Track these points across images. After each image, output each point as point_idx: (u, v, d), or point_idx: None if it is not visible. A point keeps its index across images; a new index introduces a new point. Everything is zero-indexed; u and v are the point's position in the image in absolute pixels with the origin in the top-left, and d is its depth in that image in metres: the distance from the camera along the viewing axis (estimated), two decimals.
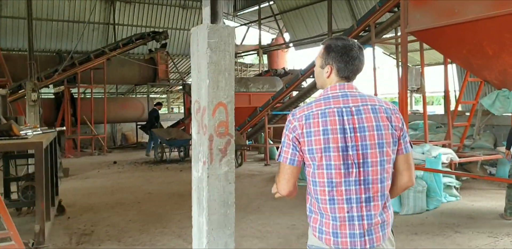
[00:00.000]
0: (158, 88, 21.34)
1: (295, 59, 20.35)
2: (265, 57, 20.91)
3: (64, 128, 10.64)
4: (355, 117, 1.86)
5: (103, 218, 6.33)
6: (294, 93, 12.72)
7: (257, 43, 19.62)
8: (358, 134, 1.85)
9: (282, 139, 1.95)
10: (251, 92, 13.67)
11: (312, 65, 10.89)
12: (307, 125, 1.86)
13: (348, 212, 1.85)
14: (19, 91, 13.29)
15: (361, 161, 1.85)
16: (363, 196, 1.86)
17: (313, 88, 11.47)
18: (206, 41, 2.81)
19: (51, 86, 15.77)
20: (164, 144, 12.89)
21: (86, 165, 12.49)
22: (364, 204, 1.87)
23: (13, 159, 6.56)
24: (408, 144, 1.97)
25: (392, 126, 1.90)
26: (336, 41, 1.96)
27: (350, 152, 1.84)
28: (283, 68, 17.05)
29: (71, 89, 15.53)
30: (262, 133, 12.81)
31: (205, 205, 2.85)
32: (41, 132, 5.37)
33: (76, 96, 16.43)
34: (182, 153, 12.99)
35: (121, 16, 20.07)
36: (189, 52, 22.21)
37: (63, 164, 12.67)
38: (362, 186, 1.86)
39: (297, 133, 1.88)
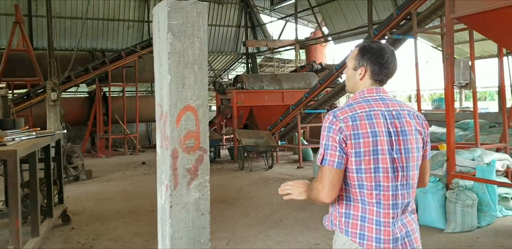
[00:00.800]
0: None
1: (334, 53, 19.18)
2: (304, 52, 20.03)
3: (65, 131, 10.24)
4: (397, 120, 1.87)
5: (108, 230, 5.77)
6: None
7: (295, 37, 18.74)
8: (401, 138, 1.86)
9: (324, 141, 1.86)
10: (284, 90, 12.86)
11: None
12: (355, 126, 1.82)
13: (393, 217, 1.85)
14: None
15: (404, 164, 1.86)
16: (405, 201, 1.89)
17: None
18: (166, 24, 2.08)
19: (84, 85, 15.61)
20: None
21: (113, 166, 12.15)
22: (404, 209, 1.90)
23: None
24: (430, 149, 2.04)
25: (423, 131, 1.95)
26: (371, 43, 1.96)
27: (395, 156, 1.84)
28: (320, 63, 16.09)
29: (103, 87, 15.27)
30: (296, 133, 11.99)
31: (168, 244, 2.13)
32: (34, 136, 4.84)
33: (110, 95, 16.27)
34: (212, 154, 12.40)
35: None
36: (224, 48, 21.86)
37: (91, 165, 12.41)
38: (405, 191, 1.88)
39: (344, 134, 1.82)
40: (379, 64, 1.91)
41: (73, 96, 18.09)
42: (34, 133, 5.05)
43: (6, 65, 14.18)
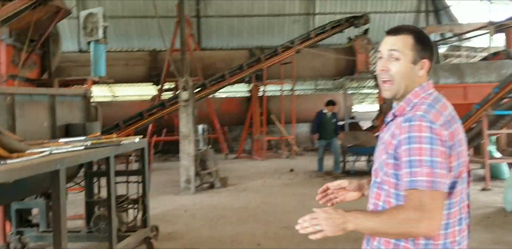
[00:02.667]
0: (359, 82, 18.68)
1: None
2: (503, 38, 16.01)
3: (202, 133, 9.28)
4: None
5: None
6: None
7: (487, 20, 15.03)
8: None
9: (427, 157, 1.43)
10: (467, 84, 9.92)
11: None
12: (454, 133, 1.50)
13: (467, 230, 1.60)
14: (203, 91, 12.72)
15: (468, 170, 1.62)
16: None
17: None
18: None
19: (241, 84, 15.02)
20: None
21: (259, 172, 11.06)
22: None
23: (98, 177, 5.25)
24: None
25: None
26: (422, 30, 1.69)
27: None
28: None
29: (260, 86, 14.41)
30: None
31: None
32: (80, 148, 3.75)
33: (269, 94, 15.39)
34: (370, 163, 10.32)
35: (321, 5, 18.20)
36: None
37: (239, 169, 11.60)
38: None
39: (449, 145, 1.48)
40: (434, 56, 1.68)
41: (232, 96, 17.78)
42: (89, 143, 3.99)
43: (170, 65, 14.39)
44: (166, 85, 14.72)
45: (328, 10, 18.20)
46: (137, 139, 4.46)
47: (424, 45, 1.61)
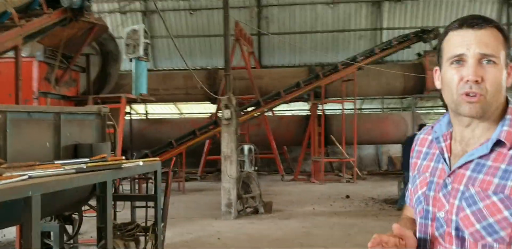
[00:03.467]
0: (431, 101, 17.30)
1: None
2: None
3: (250, 153, 8.74)
4: None
5: None
6: None
7: None
8: None
9: None
10: None
11: None
12: None
13: None
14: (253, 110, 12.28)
15: None
16: None
17: None
18: None
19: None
20: None
21: (312, 197, 10.30)
22: None
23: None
24: None
25: None
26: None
27: None
28: None
29: (320, 104, 13.70)
30: None
31: None
32: (71, 171, 3.37)
33: (328, 113, 14.63)
34: None
35: (389, 19, 17.22)
36: None
37: (291, 192, 10.93)
38: None
39: None
40: None
41: (291, 114, 17.18)
42: (84, 166, 3.61)
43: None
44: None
45: (396, 25, 17.16)
46: (140, 162, 4.01)
47: (509, 44, 1.21)
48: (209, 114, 16.05)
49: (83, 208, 4.89)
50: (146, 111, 17.78)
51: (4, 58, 6.11)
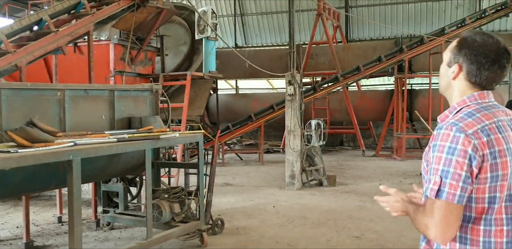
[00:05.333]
0: None
1: None
2: None
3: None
4: None
5: None
6: None
7: None
8: None
9: (443, 167, 1.44)
10: None
11: None
12: (490, 143, 1.45)
13: None
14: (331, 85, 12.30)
15: None
16: None
17: None
18: None
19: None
20: None
21: (385, 173, 10.27)
22: None
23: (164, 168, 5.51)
24: None
25: None
26: (476, 35, 1.57)
27: None
28: None
29: (407, 79, 13.25)
30: None
31: None
32: (113, 140, 4.03)
33: (414, 88, 14.10)
34: None
35: None
36: None
37: (364, 167, 10.96)
38: None
39: (479, 155, 1.43)
40: (478, 63, 1.53)
41: (376, 89, 16.74)
42: (126, 136, 4.25)
43: (312, 58, 14.30)
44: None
45: None
46: (176, 134, 4.55)
47: (461, 49, 1.58)
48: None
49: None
50: (237, 86, 18.57)
51: (85, 42, 7.02)
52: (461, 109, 1.56)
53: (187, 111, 12.42)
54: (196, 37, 8.34)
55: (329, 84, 12.50)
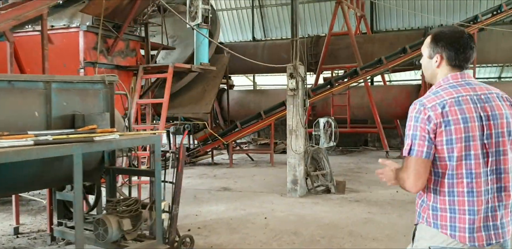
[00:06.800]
0: None
1: None
2: None
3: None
4: (486, 104, 1.86)
5: None
6: None
7: None
8: (492, 122, 1.84)
9: (411, 131, 1.88)
10: None
11: None
12: (444, 114, 1.82)
13: (486, 203, 1.83)
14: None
15: (494, 150, 1.84)
16: (495, 186, 1.86)
17: None
18: None
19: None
20: None
21: None
22: (496, 195, 1.86)
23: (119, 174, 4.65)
24: None
25: None
26: (443, 29, 1.99)
27: (486, 141, 1.83)
28: None
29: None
30: None
31: None
32: (9, 144, 3.20)
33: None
34: None
35: None
36: None
37: None
38: (495, 176, 1.85)
39: (434, 123, 1.83)
40: (454, 49, 1.91)
41: (403, 84, 15.41)
42: (50, 138, 3.43)
43: (331, 50, 13.20)
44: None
45: None
46: (117, 135, 3.67)
47: (437, 42, 1.96)
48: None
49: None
50: (255, 82, 17.66)
51: (56, 29, 6.27)
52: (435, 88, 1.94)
53: (190, 109, 11.68)
54: (188, 25, 7.46)
55: (347, 78, 11.38)
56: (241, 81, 18.54)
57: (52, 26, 6.15)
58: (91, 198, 4.99)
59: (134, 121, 6.66)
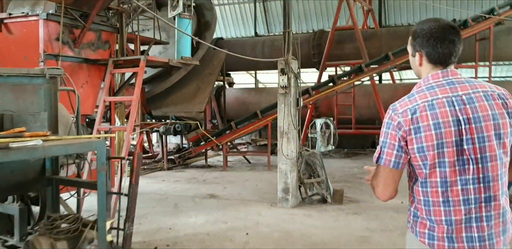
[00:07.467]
0: None
1: None
2: None
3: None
4: (468, 106, 1.69)
5: None
6: None
7: None
8: (473, 125, 1.68)
9: (382, 138, 1.78)
10: None
11: None
12: (414, 120, 1.70)
13: (465, 214, 1.70)
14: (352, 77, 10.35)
15: (478, 156, 1.68)
16: (482, 195, 1.70)
17: None
18: None
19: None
20: None
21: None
22: (483, 204, 1.71)
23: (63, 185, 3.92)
24: None
25: (508, 113, 1.71)
26: (422, 24, 1.84)
27: (466, 147, 1.68)
28: None
29: None
30: None
31: None
32: None
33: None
34: None
35: None
36: None
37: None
38: (482, 185, 1.70)
39: (403, 130, 1.72)
40: (431, 45, 1.79)
41: (413, 82, 14.50)
42: None
43: (337, 45, 12.37)
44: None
45: None
46: (39, 141, 2.94)
47: (415, 40, 1.84)
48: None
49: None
50: (256, 80, 16.89)
51: (14, 18, 5.58)
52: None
53: (183, 107, 10.97)
54: (169, 15, 6.71)
55: (352, 75, 10.56)
56: (243, 79, 17.80)
57: (10, 14, 5.45)
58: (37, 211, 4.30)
59: (101, 122, 5.94)
